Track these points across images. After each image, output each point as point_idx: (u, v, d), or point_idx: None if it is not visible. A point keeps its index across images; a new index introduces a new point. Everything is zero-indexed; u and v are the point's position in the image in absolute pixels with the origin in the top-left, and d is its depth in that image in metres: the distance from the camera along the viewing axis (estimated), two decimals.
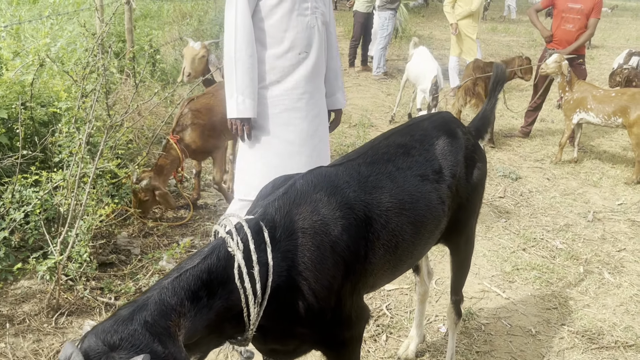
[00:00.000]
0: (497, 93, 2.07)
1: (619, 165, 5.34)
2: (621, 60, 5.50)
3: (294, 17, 2.26)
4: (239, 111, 2.27)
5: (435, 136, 1.76)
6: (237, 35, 2.23)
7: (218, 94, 3.23)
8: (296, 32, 2.28)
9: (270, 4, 2.27)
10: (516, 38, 15.60)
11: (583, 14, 5.39)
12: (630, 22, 24.62)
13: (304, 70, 2.33)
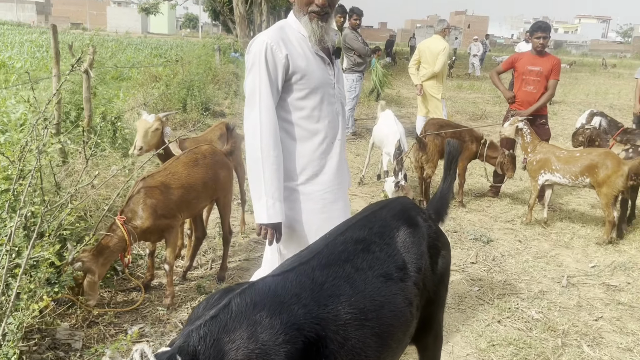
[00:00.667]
0: (453, 171, 1.96)
1: (589, 224, 5.29)
2: (584, 120, 5.57)
3: (324, 107, 2.18)
4: (270, 216, 2.08)
5: (395, 227, 1.61)
6: (262, 135, 2.05)
7: (175, 170, 3.07)
8: (328, 122, 2.19)
9: (300, 96, 2.13)
10: (481, 95, 16.03)
11: (542, 75, 5.49)
12: (589, 77, 25.71)
13: (336, 158, 2.25)
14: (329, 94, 2.19)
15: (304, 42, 2.13)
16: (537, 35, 5.51)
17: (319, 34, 2.08)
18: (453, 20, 75.16)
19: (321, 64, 2.17)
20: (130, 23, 68.36)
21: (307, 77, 2.11)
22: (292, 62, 2.09)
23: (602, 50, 66.84)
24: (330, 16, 2.12)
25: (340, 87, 2.29)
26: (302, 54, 2.12)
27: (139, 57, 18.94)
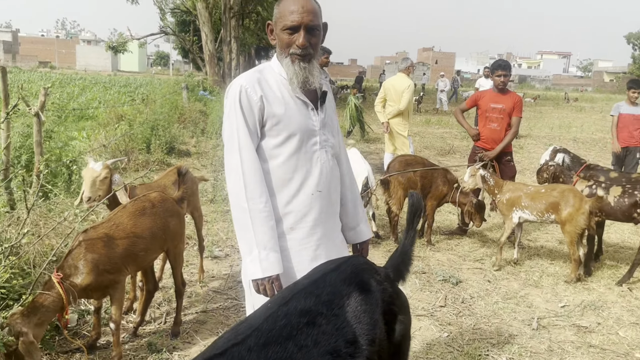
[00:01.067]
0: (415, 225, 1.83)
1: (558, 260, 5.24)
2: (547, 157, 5.58)
3: (302, 155, 2.01)
4: (265, 269, 1.89)
5: (345, 294, 1.45)
6: (246, 183, 1.92)
7: (120, 220, 2.88)
8: (305, 172, 2.02)
9: (275, 143, 1.99)
10: (449, 130, 16.24)
11: (505, 113, 5.52)
12: (553, 110, 26.43)
13: (319, 210, 2.05)
14: (311, 141, 2.03)
15: (284, 85, 2.01)
16: (497, 73, 5.56)
17: (302, 76, 1.97)
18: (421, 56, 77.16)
19: (303, 108, 2.02)
20: (100, 61, 68.24)
21: (283, 122, 1.98)
22: (267, 105, 1.97)
23: (564, 85, 69.28)
24: (314, 57, 2.00)
25: (330, 133, 2.10)
26: (279, 97, 2.00)
27: (106, 95, 18.69)
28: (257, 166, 1.94)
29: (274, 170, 2.00)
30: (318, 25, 1.96)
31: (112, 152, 7.53)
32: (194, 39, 27.23)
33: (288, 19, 1.92)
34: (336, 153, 2.15)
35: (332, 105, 2.18)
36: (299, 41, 1.93)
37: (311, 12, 1.93)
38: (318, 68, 2.03)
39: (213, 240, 5.17)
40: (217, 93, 19.67)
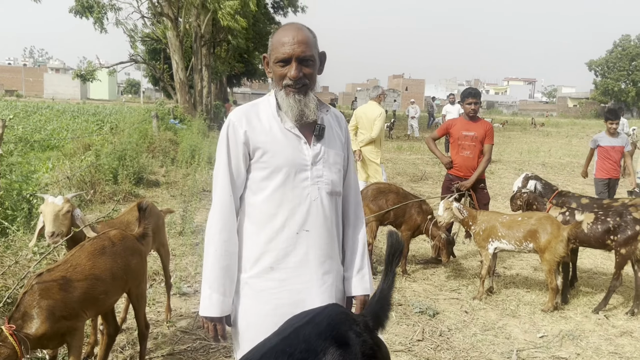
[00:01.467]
0: (394, 267, 1.72)
1: (533, 288, 5.19)
2: (519, 184, 5.59)
3: (288, 190, 1.91)
4: (204, 308, 1.90)
5: (321, 349, 1.31)
6: (213, 218, 1.92)
7: (78, 261, 2.69)
8: (291, 208, 1.91)
9: (262, 176, 1.92)
10: (421, 156, 16.36)
11: (477, 140, 5.52)
12: (520, 135, 26.98)
13: (304, 251, 1.93)
14: (300, 176, 1.91)
15: (275, 117, 1.94)
16: (468, 101, 5.58)
17: (297, 109, 1.89)
18: (391, 83, 78.45)
19: (293, 142, 1.93)
20: (68, 89, 67.34)
21: (268, 154, 1.90)
22: (252, 139, 1.91)
23: (530, 110, 71.21)
24: (310, 88, 1.93)
25: (327, 169, 1.97)
26: (266, 130, 1.92)
27: (74, 124, 18.32)
28: (228, 202, 1.91)
29: (259, 205, 1.93)
30: (311, 55, 1.90)
31: (77, 184, 7.27)
32: (165, 67, 27.05)
33: (279, 51, 1.88)
34: (334, 191, 2.00)
35: (336, 141, 2.05)
36: (290, 73, 1.87)
37: (303, 42, 1.87)
38: (315, 100, 1.96)
39: (181, 275, 4.96)
40: (189, 121, 19.48)
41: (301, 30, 1.90)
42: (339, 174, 2.03)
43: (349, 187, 2.12)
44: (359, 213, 2.14)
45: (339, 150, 2.04)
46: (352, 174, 2.14)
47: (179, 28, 21.80)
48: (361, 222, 2.13)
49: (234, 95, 54.04)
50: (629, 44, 58.55)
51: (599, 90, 60.56)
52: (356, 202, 2.14)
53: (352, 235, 2.11)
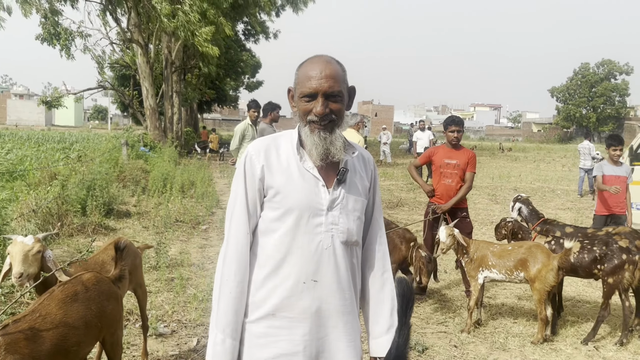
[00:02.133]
0: (408, 319, 1.57)
1: (520, 318, 5.10)
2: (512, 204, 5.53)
3: (300, 235, 1.75)
4: (215, 353, 1.74)
5: None
6: (226, 257, 1.78)
7: (47, 310, 2.45)
8: (300, 255, 1.75)
9: (272, 217, 1.77)
10: (395, 182, 16.38)
11: (459, 168, 5.47)
12: (490, 160, 27.41)
13: (309, 304, 1.75)
14: (313, 221, 1.75)
15: (294, 155, 1.79)
16: (451, 129, 5.53)
17: (322, 147, 1.74)
18: (361, 109, 79.29)
19: (311, 183, 1.77)
20: (32, 116, 65.81)
21: (281, 194, 1.75)
22: (267, 175, 1.77)
23: (496, 135, 72.89)
24: (337, 125, 1.79)
25: (345, 217, 1.80)
26: (284, 168, 1.77)
27: (38, 152, 17.74)
28: (243, 240, 1.78)
29: (267, 247, 1.79)
30: (340, 91, 1.77)
31: (43, 216, 6.92)
32: (134, 93, 26.69)
33: (305, 85, 1.75)
34: (350, 241, 1.82)
35: (359, 186, 1.87)
36: (316, 109, 1.74)
37: (331, 77, 1.75)
38: (342, 138, 1.80)
39: (157, 314, 4.68)
40: (159, 148, 19.13)
41: (330, 63, 1.78)
42: (358, 222, 1.86)
43: (373, 236, 1.95)
44: (387, 265, 1.95)
45: (361, 197, 1.88)
46: (378, 223, 1.97)
47: (150, 54, 21.58)
48: (389, 276, 1.94)
49: (204, 121, 53.69)
50: (588, 72, 60.74)
51: (562, 115, 62.44)
52: (382, 253, 1.95)
53: (379, 290, 1.92)
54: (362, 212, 1.88)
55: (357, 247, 1.88)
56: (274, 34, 30.40)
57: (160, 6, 17.22)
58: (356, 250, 1.87)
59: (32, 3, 20.46)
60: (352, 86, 1.87)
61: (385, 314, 1.90)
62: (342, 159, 1.81)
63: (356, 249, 1.87)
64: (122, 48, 25.21)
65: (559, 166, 25.05)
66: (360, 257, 1.91)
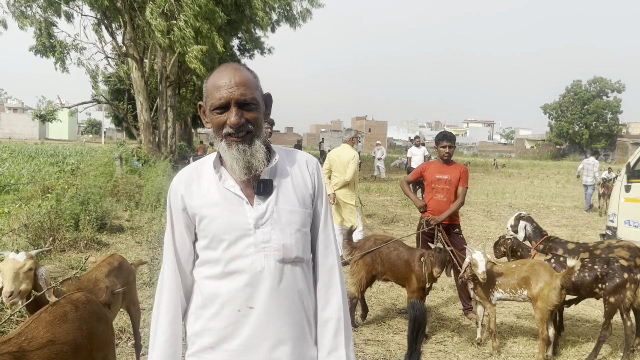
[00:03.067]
0: (419, 345, 1.50)
1: (520, 338, 5.02)
2: (512, 222, 5.47)
3: (231, 260, 1.63)
4: None
5: None
6: (159, 294, 1.72)
7: (34, 333, 2.34)
8: (232, 280, 1.63)
9: (201, 246, 1.68)
10: (390, 197, 16.34)
11: (451, 184, 5.43)
12: (484, 177, 27.46)
13: (248, 334, 1.62)
14: (242, 243, 1.62)
15: (214, 176, 1.67)
16: (442, 144, 5.50)
17: (242, 161, 1.61)
18: (355, 124, 79.59)
19: (234, 203, 1.64)
20: (26, 129, 65.57)
21: (205, 220, 1.65)
22: (188, 203, 1.67)
23: (489, 151, 73.29)
24: (256, 135, 1.64)
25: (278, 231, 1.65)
26: (204, 192, 1.66)
27: (31, 165, 17.60)
28: (172, 282, 1.70)
29: (204, 277, 1.69)
30: (253, 98, 1.62)
31: (35, 231, 6.80)
32: (129, 107, 26.62)
33: (215, 96, 1.61)
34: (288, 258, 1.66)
35: (295, 194, 1.71)
36: (230, 119, 1.59)
37: (242, 84, 1.61)
38: (263, 148, 1.65)
39: (149, 332, 4.56)
40: (154, 162, 19.03)
41: (239, 70, 1.65)
42: (298, 235, 1.69)
43: (319, 249, 1.77)
44: (333, 280, 1.76)
45: (299, 207, 1.70)
46: (325, 233, 1.78)
47: (144, 69, 21.57)
48: (335, 291, 1.75)
49: (198, 135, 53.65)
50: (581, 89, 61.36)
51: (554, 132, 62.92)
52: (329, 267, 1.76)
53: (322, 308, 1.75)
54: (304, 224, 1.72)
55: (304, 264, 1.72)
56: (268, 49, 30.51)
57: (154, 22, 17.23)
58: (303, 268, 1.72)
59: (28, 16, 20.47)
60: (268, 93, 1.75)
61: (328, 335, 1.73)
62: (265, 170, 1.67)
63: (303, 266, 1.72)
64: (117, 62, 25.21)
65: (553, 183, 25.14)
66: (310, 274, 1.76)
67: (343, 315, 1.74)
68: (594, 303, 5.98)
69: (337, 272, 1.77)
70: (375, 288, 6.26)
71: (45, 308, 2.53)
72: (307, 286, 1.72)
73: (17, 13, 20.16)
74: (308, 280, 1.73)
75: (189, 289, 1.73)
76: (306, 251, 1.73)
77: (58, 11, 20.74)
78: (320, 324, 1.75)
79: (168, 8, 17.45)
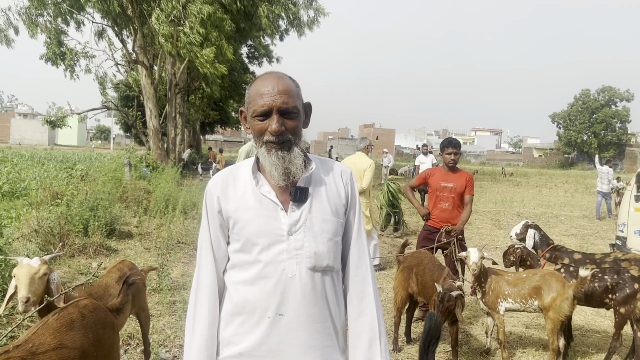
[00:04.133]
0: (431, 356, 1.50)
1: (529, 348, 4.98)
2: (518, 230, 5.43)
3: (263, 266, 1.64)
4: None
5: None
6: (198, 296, 1.72)
7: (42, 340, 2.35)
8: (263, 286, 1.64)
9: (234, 249, 1.70)
10: None
11: (456, 192, 5.42)
12: (492, 185, 27.34)
13: (277, 340, 1.63)
14: (274, 249, 1.64)
15: (250, 181, 1.70)
16: (447, 151, 5.49)
17: (281, 167, 1.64)
18: (362, 132, 79.62)
19: (269, 208, 1.66)
20: (36, 135, 66.09)
21: (239, 224, 1.67)
22: (224, 206, 1.70)
23: (497, 160, 73.00)
24: (295, 143, 1.67)
25: (311, 239, 1.66)
26: (239, 196, 1.69)
27: (40, 171, 17.74)
28: (210, 283, 1.71)
29: (235, 281, 1.70)
30: (295, 106, 1.65)
31: (45, 236, 6.85)
32: (138, 114, 26.81)
33: (258, 103, 1.64)
34: (319, 266, 1.67)
35: (329, 203, 1.72)
36: (271, 127, 1.62)
37: (285, 92, 1.64)
38: (301, 156, 1.68)
39: (159, 339, 4.58)
40: (162, 169, 19.12)
41: (282, 79, 1.68)
42: (330, 244, 1.70)
43: (352, 259, 1.78)
44: (366, 290, 1.76)
45: (331, 216, 1.72)
46: (359, 243, 1.79)
47: (154, 76, 21.73)
48: (369, 302, 1.75)
49: (206, 142, 53.86)
50: (589, 98, 61.09)
51: (563, 141, 62.62)
52: (362, 277, 1.77)
53: (356, 318, 1.76)
54: (336, 233, 1.74)
55: (334, 273, 1.74)
56: (276, 58, 30.68)
57: (159, 27, 17.37)
58: (333, 277, 1.73)
59: (38, 24, 20.71)
60: (308, 102, 1.78)
61: (362, 345, 1.73)
62: (301, 177, 1.70)
63: (332, 275, 1.73)
64: (127, 69, 25.42)
65: (562, 192, 24.98)
66: (340, 284, 1.78)
67: (378, 325, 1.74)
68: (604, 313, 5.94)
69: (370, 283, 1.78)
70: (383, 296, 6.24)
71: (52, 314, 2.55)
72: (335, 295, 1.74)
73: (27, 21, 20.40)
74: (337, 290, 1.75)
75: (221, 291, 1.75)
76: (337, 260, 1.75)
77: (67, 20, 20.98)
78: (353, 334, 1.76)
79: (175, 15, 17.60)
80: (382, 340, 1.74)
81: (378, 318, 1.75)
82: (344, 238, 1.78)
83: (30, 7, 19.96)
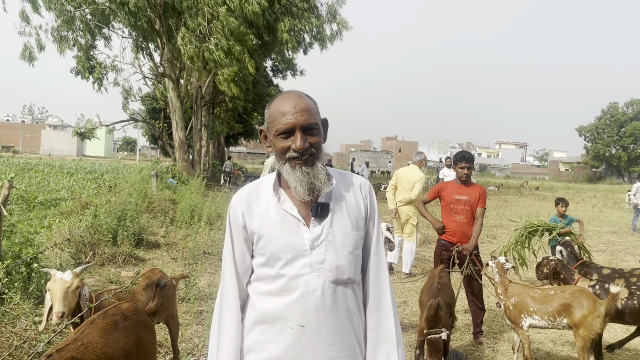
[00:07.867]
0: None
1: None
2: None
3: (285, 279, 1.70)
4: None
5: None
6: (222, 311, 1.78)
7: (89, 339, 2.45)
8: (286, 298, 1.70)
9: (258, 263, 1.76)
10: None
11: (470, 205, 5.39)
12: (517, 199, 27.00)
13: (298, 351, 1.68)
14: (297, 263, 1.69)
15: (273, 197, 1.76)
16: (461, 165, 5.47)
17: (306, 183, 1.69)
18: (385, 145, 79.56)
19: (291, 224, 1.72)
20: (65, 146, 67.76)
21: (263, 239, 1.73)
22: (248, 221, 1.76)
23: (522, 173, 72.05)
24: (317, 158, 1.73)
25: (333, 252, 1.71)
26: (263, 212, 1.75)
27: (70, 181, 18.17)
28: (233, 297, 1.78)
29: (259, 293, 1.76)
30: (316, 123, 1.72)
31: (76, 245, 7.02)
32: (164, 126, 27.31)
33: (280, 122, 1.70)
34: (341, 279, 1.72)
35: (349, 217, 1.77)
36: (295, 144, 1.68)
37: (306, 110, 1.70)
38: (324, 171, 1.73)
39: (187, 348, 4.66)
40: (187, 180, 19.39)
41: (302, 97, 1.74)
42: (351, 257, 1.75)
43: (371, 271, 1.83)
44: (384, 300, 1.81)
45: (352, 230, 1.77)
46: (377, 255, 1.84)
47: (180, 89, 22.13)
48: (386, 312, 1.80)
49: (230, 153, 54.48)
50: (617, 111, 60.07)
51: (590, 155, 61.56)
52: (380, 288, 1.82)
53: (374, 328, 1.80)
54: (356, 246, 1.78)
55: (355, 285, 1.78)
56: (300, 71, 30.96)
57: (184, 49, 17.72)
58: (354, 288, 1.78)
59: (68, 39, 21.32)
60: (325, 118, 1.84)
61: (381, 355, 1.78)
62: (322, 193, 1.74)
63: (354, 288, 1.78)
64: (154, 82, 25.95)
65: (589, 206, 24.52)
66: (361, 295, 1.82)
67: (396, 335, 1.79)
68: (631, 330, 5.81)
69: (388, 293, 1.83)
70: (407, 310, 6.22)
71: (97, 315, 2.65)
72: (357, 306, 1.78)
73: (58, 39, 21.02)
74: (358, 301, 1.80)
75: (244, 303, 1.81)
76: (357, 272, 1.80)
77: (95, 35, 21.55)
78: (371, 343, 1.80)
79: (200, 31, 17.95)
80: (400, 350, 1.79)
81: (395, 327, 1.80)
82: (364, 250, 1.83)
83: (60, 27, 20.56)
